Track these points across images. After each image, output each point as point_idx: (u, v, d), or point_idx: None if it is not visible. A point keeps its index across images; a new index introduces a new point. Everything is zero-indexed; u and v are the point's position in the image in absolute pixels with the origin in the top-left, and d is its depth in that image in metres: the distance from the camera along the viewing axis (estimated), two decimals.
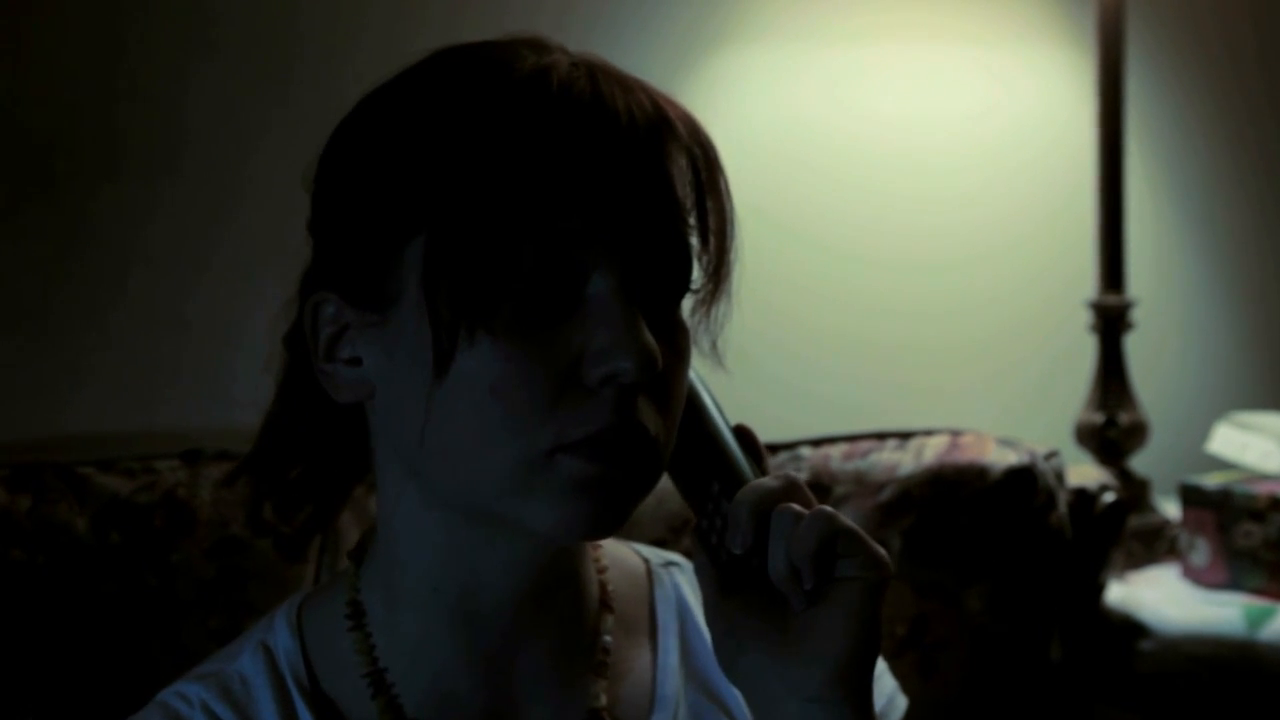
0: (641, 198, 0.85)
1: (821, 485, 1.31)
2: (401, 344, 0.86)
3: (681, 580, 1.00)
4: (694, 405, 0.91)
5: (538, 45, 0.88)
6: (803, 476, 1.29)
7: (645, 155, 0.85)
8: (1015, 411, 1.80)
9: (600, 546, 0.97)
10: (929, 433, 1.36)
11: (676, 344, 0.88)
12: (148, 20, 1.54)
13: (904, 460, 1.33)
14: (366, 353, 0.88)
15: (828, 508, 0.85)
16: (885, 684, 1.00)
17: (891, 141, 1.78)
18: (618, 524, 0.87)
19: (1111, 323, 1.72)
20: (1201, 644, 1.52)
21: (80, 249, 1.51)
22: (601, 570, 0.96)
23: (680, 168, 0.87)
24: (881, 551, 0.85)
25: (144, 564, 1.18)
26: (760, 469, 0.89)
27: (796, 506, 0.85)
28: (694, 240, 0.88)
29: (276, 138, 1.53)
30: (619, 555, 1.00)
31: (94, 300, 1.51)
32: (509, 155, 0.83)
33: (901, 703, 1.01)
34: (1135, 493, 1.68)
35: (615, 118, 0.84)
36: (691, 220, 0.87)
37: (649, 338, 0.84)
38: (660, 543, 1.14)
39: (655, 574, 1.00)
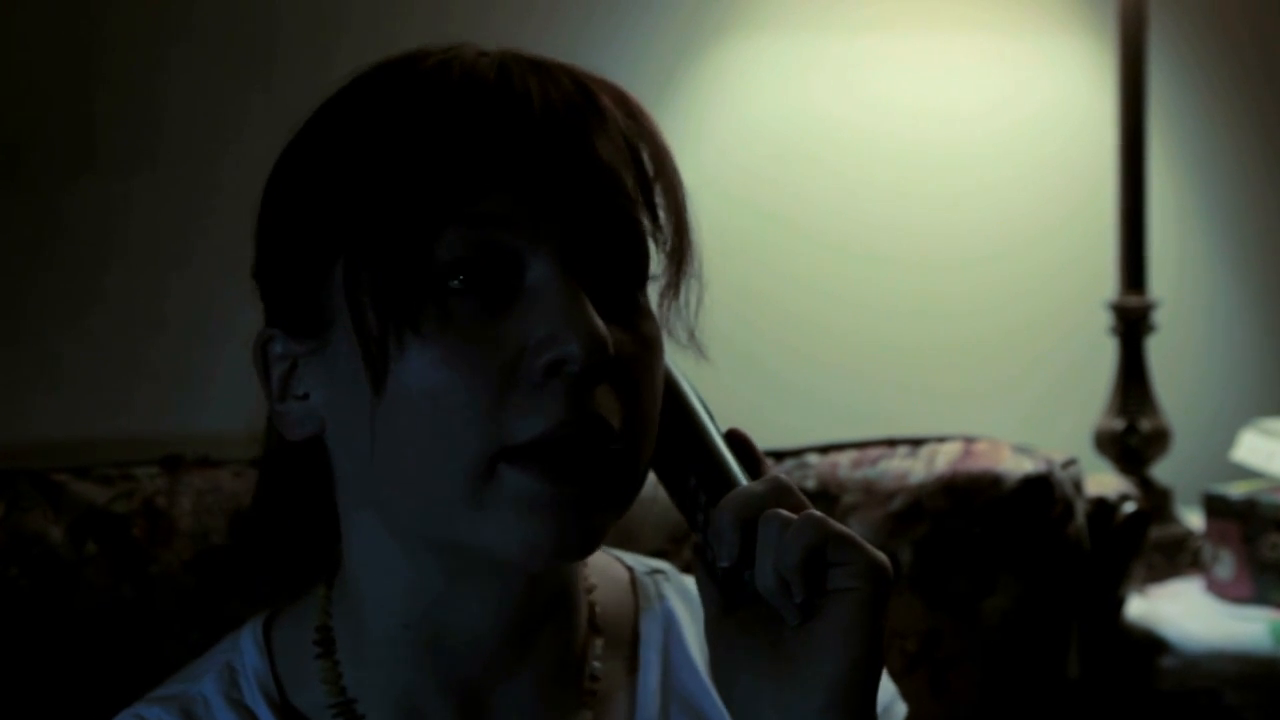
0: (569, 175, 0.83)
1: (829, 494, 1.31)
2: (339, 368, 0.85)
3: (669, 590, 0.99)
4: (678, 404, 0.89)
5: (452, 46, 0.87)
6: (809, 485, 1.31)
7: (564, 132, 0.83)
8: (1031, 417, 1.80)
9: (587, 563, 0.95)
10: (941, 439, 1.36)
11: (641, 332, 0.86)
12: (122, 5, 1.54)
13: (915, 468, 1.33)
14: (312, 385, 0.88)
15: (816, 512, 0.82)
16: (883, 690, 0.98)
17: (904, 135, 1.78)
18: (589, 544, 0.85)
19: (1133, 325, 1.73)
20: (1226, 661, 1.52)
21: (53, 246, 1.52)
22: (589, 590, 0.95)
23: (614, 147, 0.85)
24: (880, 558, 0.82)
25: (122, 575, 1.18)
26: (756, 474, 0.87)
27: (784, 512, 0.82)
28: (646, 221, 0.86)
29: (258, 128, 1.52)
30: (603, 567, 0.98)
31: (68, 299, 1.52)
32: (412, 143, 0.82)
33: (901, 709, 1.00)
34: (1157, 502, 1.68)
35: (524, 97, 0.83)
36: (641, 202, 0.86)
37: (596, 319, 0.81)
38: (661, 554, 1.14)
39: (640, 584, 0.98)
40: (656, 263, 0.88)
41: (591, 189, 0.84)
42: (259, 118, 1.54)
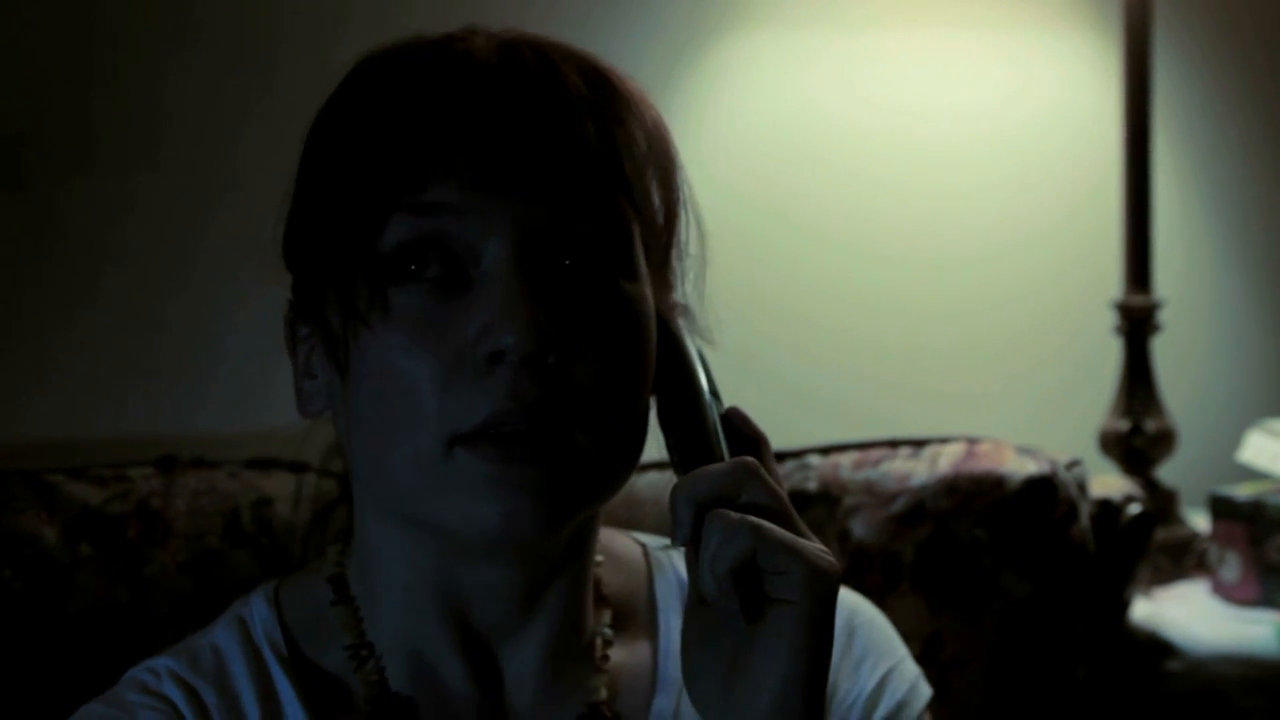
0: (520, 159, 0.82)
1: (830, 495, 1.31)
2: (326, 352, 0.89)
3: (680, 563, 0.99)
4: (678, 378, 0.88)
5: (451, 32, 0.88)
6: (811, 486, 1.31)
7: (515, 115, 0.83)
8: (1035, 418, 1.80)
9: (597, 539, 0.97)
10: (944, 440, 1.36)
11: (615, 319, 0.85)
12: (122, 4, 1.54)
13: (917, 469, 1.33)
14: (319, 366, 0.91)
15: (751, 518, 0.79)
16: (906, 671, 1.00)
17: (906, 133, 1.78)
18: (555, 521, 0.84)
19: (1137, 325, 1.72)
20: (1232, 664, 1.52)
21: (50, 246, 1.52)
22: (595, 564, 0.96)
23: (571, 125, 0.84)
24: (822, 565, 0.79)
25: (116, 577, 1.18)
26: (750, 455, 0.85)
27: (727, 513, 0.79)
28: (624, 203, 0.86)
29: (260, 127, 1.53)
30: (615, 545, 1.00)
31: (65, 300, 1.52)
32: (364, 133, 0.84)
33: (924, 692, 1.00)
34: (1162, 504, 1.68)
35: (475, 78, 0.83)
36: (614, 184, 0.85)
37: (534, 311, 0.81)
38: None
39: (654, 558, 1.00)
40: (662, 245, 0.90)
41: (546, 172, 0.83)
42: (259, 118, 1.54)
